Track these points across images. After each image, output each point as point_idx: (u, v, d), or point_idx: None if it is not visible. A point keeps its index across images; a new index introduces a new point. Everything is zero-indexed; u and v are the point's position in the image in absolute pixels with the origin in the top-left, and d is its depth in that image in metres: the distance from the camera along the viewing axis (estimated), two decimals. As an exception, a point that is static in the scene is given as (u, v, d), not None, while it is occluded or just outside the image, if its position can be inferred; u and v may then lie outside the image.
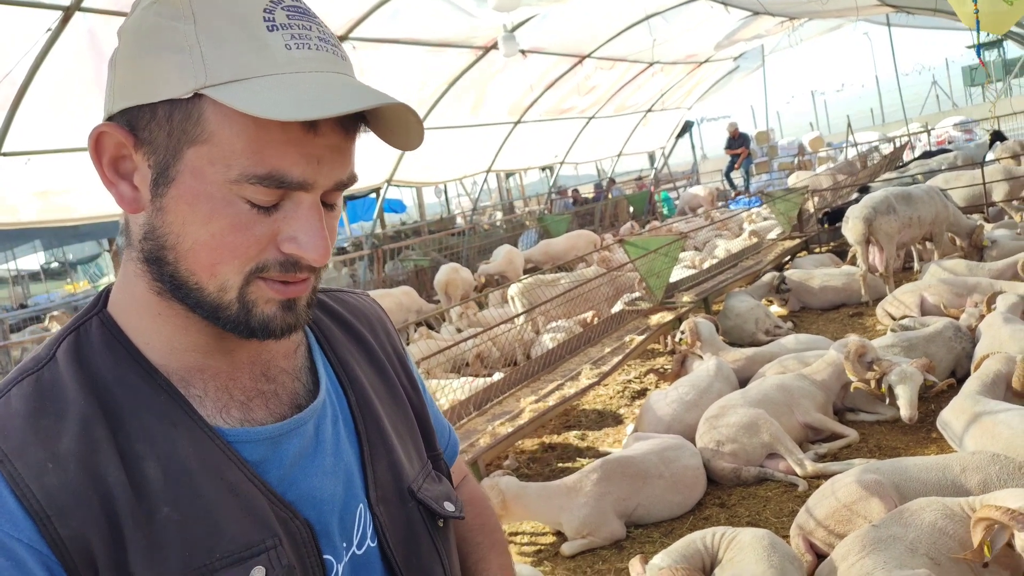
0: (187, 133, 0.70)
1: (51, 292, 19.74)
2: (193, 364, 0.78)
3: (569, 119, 14.93)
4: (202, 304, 0.74)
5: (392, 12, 8.18)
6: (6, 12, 5.60)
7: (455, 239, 13.44)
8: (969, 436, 3.46)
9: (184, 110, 0.69)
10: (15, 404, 0.71)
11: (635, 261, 6.65)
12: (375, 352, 0.96)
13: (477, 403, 4.70)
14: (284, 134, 0.69)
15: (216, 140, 0.69)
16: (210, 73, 0.68)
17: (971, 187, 8.76)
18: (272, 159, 0.69)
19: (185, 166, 0.71)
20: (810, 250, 9.10)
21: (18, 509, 0.66)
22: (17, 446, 0.68)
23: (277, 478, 0.78)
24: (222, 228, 0.71)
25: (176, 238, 0.73)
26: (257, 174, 0.70)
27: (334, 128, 0.72)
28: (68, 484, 0.68)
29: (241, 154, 0.69)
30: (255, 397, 0.81)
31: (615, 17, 11.25)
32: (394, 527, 0.86)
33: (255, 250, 0.73)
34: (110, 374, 0.74)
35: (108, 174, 0.75)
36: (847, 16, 13.68)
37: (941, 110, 28.36)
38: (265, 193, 0.71)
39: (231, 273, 0.73)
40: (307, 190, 0.73)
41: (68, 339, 0.77)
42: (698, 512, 3.72)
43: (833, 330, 6.22)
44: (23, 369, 0.75)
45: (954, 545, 2.46)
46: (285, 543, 0.75)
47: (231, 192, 0.70)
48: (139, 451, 0.71)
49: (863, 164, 15.09)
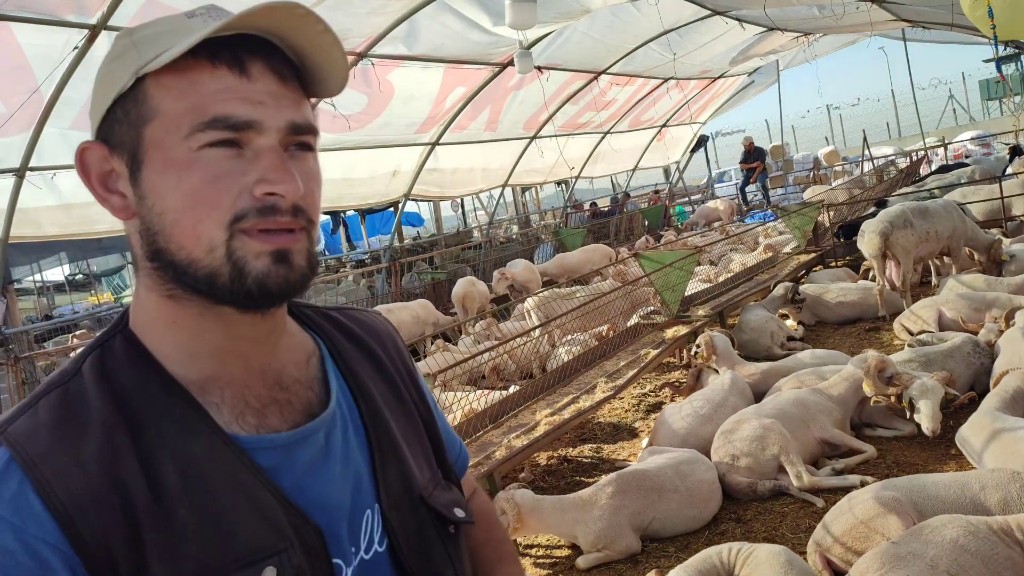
0: (141, 116, 0.78)
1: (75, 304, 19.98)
2: (210, 373, 0.82)
3: (584, 134, 14.98)
4: (197, 279, 0.78)
5: (409, 30, 8.27)
6: (35, 31, 5.74)
7: (471, 252, 13.50)
8: (989, 453, 3.43)
9: (132, 98, 0.78)
10: (42, 415, 0.75)
11: (650, 275, 6.66)
12: (385, 366, 0.99)
13: (493, 416, 4.72)
14: (217, 83, 0.76)
15: (163, 110, 0.77)
16: (142, 58, 0.77)
17: (989, 201, 8.70)
18: (213, 107, 0.76)
19: (148, 145, 0.78)
20: (826, 264, 9.06)
21: (44, 511, 0.70)
22: (43, 452, 0.72)
23: (289, 484, 0.81)
24: (193, 186, 0.76)
25: (160, 216, 0.78)
26: (204, 122, 0.76)
27: (265, 73, 0.79)
28: (91, 488, 0.71)
29: (186, 113, 0.76)
30: (270, 405, 0.84)
31: (630, 34, 11.30)
32: (405, 533, 0.89)
33: (228, 199, 0.76)
34: (132, 385, 0.78)
35: (99, 190, 0.82)
36: (862, 31, 13.67)
37: (958, 124, 28.17)
38: (216, 136, 0.76)
39: (213, 228, 0.76)
40: (259, 131, 0.78)
41: (93, 354, 0.81)
42: (714, 527, 3.71)
43: (850, 345, 6.19)
44: (51, 383, 0.79)
45: (976, 563, 2.43)
46: (296, 547, 0.78)
47: (190, 150, 0.76)
48: (158, 457, 0.75)
49: (879, 178, 15.01)
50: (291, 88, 0.81)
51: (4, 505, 0.69)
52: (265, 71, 0.79)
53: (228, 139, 0.76)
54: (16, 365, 5.96)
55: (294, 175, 0.78)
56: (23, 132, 6.49)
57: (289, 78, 0.81)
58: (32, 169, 6.78)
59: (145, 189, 0.78)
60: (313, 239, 0.83)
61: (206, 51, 0.76)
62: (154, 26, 0.80)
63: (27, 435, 0.73)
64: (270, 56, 0.80)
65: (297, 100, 0.81)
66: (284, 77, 0.80)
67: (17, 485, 0.70)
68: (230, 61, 0.77)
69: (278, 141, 0.79)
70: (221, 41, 0.77)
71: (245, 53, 0.78)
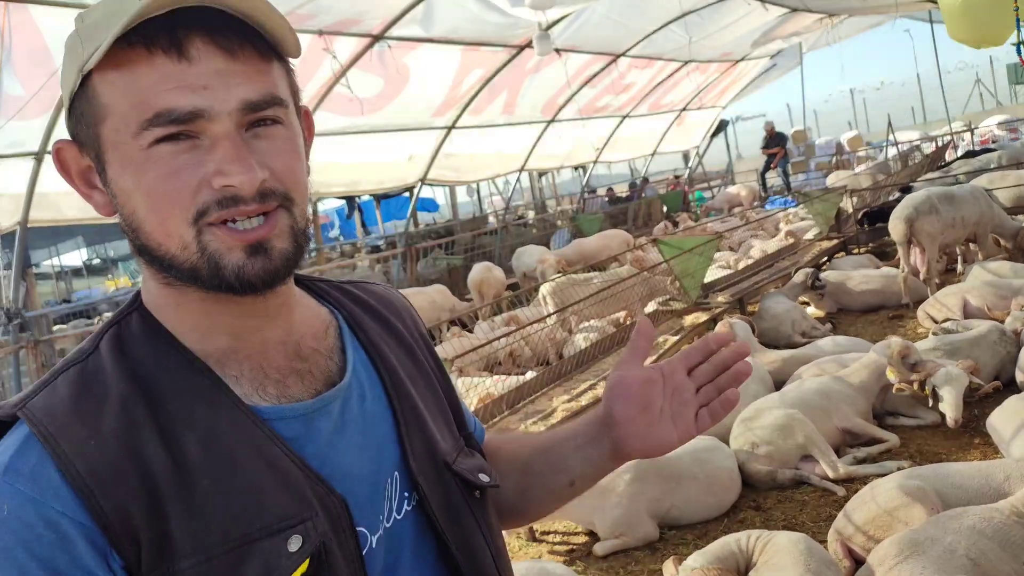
0: (94, 116, 0.75)
1: (93, 288, 20.22)
2: (227, 347, 0.81)
3: (603, 118, 14.85)
4: (181, 273, 0.76)
5: (426, 11, 8.21)
6: (53, 13, 5.74)
7: (488, 238, 13.47)
8: (1018, 441, 3.37)
9: (83, 98, 0.75)
10: (61, 390, 0.75)
11: (669, 261, 6.59)
12: (403, 336, 0.98)
13: (510, 402, 4.70)
14: (155, 73, 0.71)
15: (111, 109, 0.74)
16: (85, 53, 0.73)
17: (1017, 187, 8.53)
18: (155, 101, 0.71)
19: (105, 145, 0.75)
20: (848, 251, 8.94)
21: (63, 484, 0.70)
22: (61, 426, 0.72)
23: (312, 454, 0.80)
24: (150, 183, 0.73)
25: (132, 215, 0.76)
26: (147, 119, 0.72)
27: (209, 51, 0.72)
28: (109, 459, 0.71)
29: (131, 110, 0.72)
30: (290, 375, 0.84)
31: (650, 15, 11.16)
32: (435, 498, 0.89)
33: (188, 194, 0.73)
34: (150, 360, 0.78)
35: (81, 187, 0.80)
36: (887, 12, 13.40)
37: (985, 108, 27.64)
38: (164, 132, 0.72)
39: (179, 225, 0.74)
40: (208, 119, 0.73)
41: (110, 332, 0.81)
42: (733, 515, 3.68)
43: (872, 332, 6.10)
44: (68, 360, 0.79)
45: (994, 547, 2.41)
46: (321, 516, 0.77)
47: (141, 148, 0.73)
48: (179, 430, 0.74)
49: (904, 163, 14.78)
50: (245, 60, 0.74)
51: (24, 479, 0.69)
52: (208, 49, 0.72)
53: (176, 132, 0.72)
54: (35, 348, 6.02)
55: (250, 163, 0.73)
56: (42, 115, 6.52)
57: (241, 49, 0.74)
58: (50, 153, 6.81)
59: (113, 189, 0.77)
60: (297, 214, 0.79)
61: (141, 37, 0.71)
62: (95, 11, 0.75)
63: (46, 410, 0.73)
64: (215, 29, 0.73)
65: (253, 73, 0.75)
66: (232, 50, 0.73)
67: (36, 459, 0.70)
68: (166, 45, 0.71)
69: (234, 125, 0.74)
70: (158, 21, 0.70)
71: (183, 31, 0.72)
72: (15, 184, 6.95)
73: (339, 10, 7.31)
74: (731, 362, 0.96)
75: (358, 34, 8.03)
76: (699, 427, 0.95)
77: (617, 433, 0.96)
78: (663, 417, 0.95)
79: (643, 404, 0.95)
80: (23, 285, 6.86)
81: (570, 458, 1.02)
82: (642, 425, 0.95)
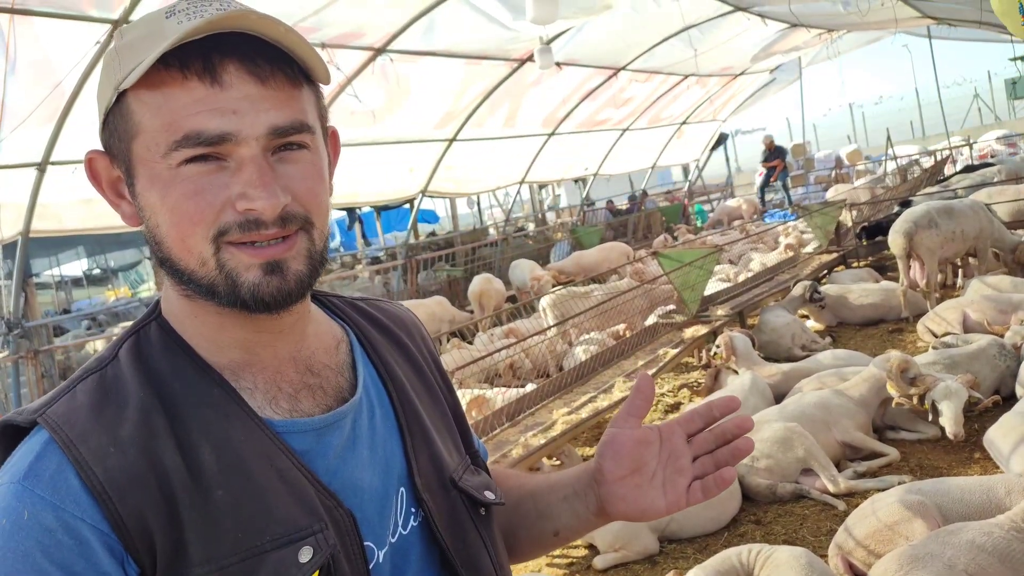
0: (127, 132, 0.77)
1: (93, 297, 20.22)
2: (240, 360, 0.83)
3: (603, 131, 14.90)
4: (200, 288, 0.78)
5: (429, 25, 8.25)
6: (57, 25, 5.77)
7: (488, 250, 13.48)
8: (1017, 456, 3.36)
9: (118, 113, 0.77)
10: (80, 398, 0.76)
11: (669, 274, 6.60)
12: (412, 353, 0.99)
13: (510, 414, 4.69)
14: (188, 96, 0.74)
15: (143, 127, 0.76)
16: (122, 71, 0.75)
17: (1016, 202, 8.55)
18: (185, 122, 0.74)
19: (136, 161, 0.78)
20: (848, 264, 8.95)
21: (82, 490, 0.71)
22: (81, 433, 0.73)
23: (322, 468, 0.81)
24: (176, 201, 0.76)
25: (156, 229, 0.78)
26: (176, 140, 0.74)
27: (241, 76, 0.74)
28: (128, 467, 0.72)
29: (161, 130, 0.74)
30: (302, 389, 0.85)
31: (651, 30, 11.21)
32: (440, 514, 0.89)
33: (211, 214, 0.75)
34: (168, 370, 0.79)
35: (110, 196, 0.83)
36: (886, 28, 13.49)
37: (983, 123, 27.77)
38: (193, 152, 0.74)
39: (199, 243, 0.76)
40: (236, 143, 0.75)
41: (129, 340, 0.82)
42: (733, 529, 3.67)
43: (872, 346, 6.10)
44: (87, 368, 0.80)
45: (994, 562, 2.41)
46: (331, 529, 0.78)
47: (170, 167, 0.75)
48: (195, 439, 0.76)
49: (903, 178, 14.82)
50: (275, 86, 0.76)
51: (43, 485, 0.70)
52: (240, 74, 0.74)
53: (204, 154, 0.74)
54: (35, 358, 6.02)
55: (274, 188, 0.75)
56: (45, 126, 6.54)
57: (272, 75, 0.76)
58: (53, 163, 6.84)
59: (141, 202, 0.79)
60: (316, 236, 0.81)
61: (177, 60, 0.73)
62: (134, 30, 0.77)
63: (65, 417, 0.74)
64: (248, 55, 0.75)
65: (283, 99, 0.77)
66: (264, 77, 0.75)
67: (56, 465, 0.71)
68: (200, 70, 0.74)
69: (260, 149, 0.76)
70: (194, 45, 0.73)
71: (218, 57, 0.74)
72: (17, 194, 6.97)
73: (342, 23, 7.36)
74: (732, 436, 0.95)
75: (360, 47, 8.07)
76: (690, 500, 0.92)
77: (604, 491, 0.95)
78: (654, 482, 0.92)
79: (635, 465, 0.92)
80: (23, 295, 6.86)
81: (556, 507, 1.02)
82: (631, 487, 0.92)
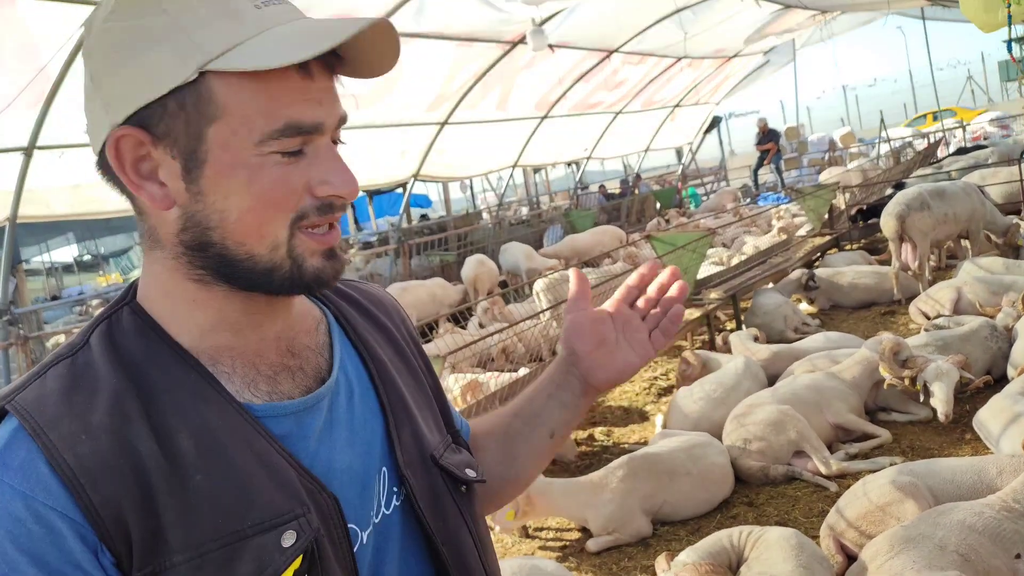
0: (203, 113, 0.73)
1: (84, 284, 20.12)
2: (223, 343, 0.81)
3: (596, 114, 14.83)
4: (254, 272, 0.78)
5: (420, 6, 8.17)
6: (41, 8, 5.69)
7: (480, 234, 13.44)
8: (1007, 438, 3.38)
9: (194, 93, 0.73)
10: (50, 383, 0.74)
11: (663, 257, 6.59)
12: (393, 334, 0.99)
13: (503, 398, 4.69)
14: (285, 85, 0.74)
15: (231, 111, 0.73)
16: (205, 51, 0.72)
17: (1008, 184, 8.56)
18: (284, 112, 0.74)
19: (212, 144, 0.74)
20: (841, 247, 8.96)
21: (52, 478, 0.69)
22: (51, 419, 0.71)
23: (302, 451, 0.80)
24: (263, 188, 0.75)
25: (221, 215, 0.76)
26: (276, 128, 0.74)
27: (322, 71, 0.77)
28: (100, 453, 0.70)
29: (257, 116, 0.74)
30: (282, 371, 0.84)
31: (644, 11, 11.14)
32: (421, 492, 0.89)
33: (294, 200, 0.77)
34: (142, 355, 0.77)
35: (133, 178, 0.77)
36: (880, 10, 13.44)
37: (976, 105, 27.77)
38: (288, 144, 0.75)
39: (278, 228, 0.77)
40: (321, 133, 0.77)
41: (101, 326, 0.80)
42: (726, 511, 3.68)
43: (864, 328, 6.12)
44: (58, 354, 0.78)
45: (985, 541, 2.42)
46: (313, 513, 0.77)
47: (260, 154, 0.75)
48: (171, 424, 0.74)
49: (896, 160, 14.82)
50: (333, 80, 0.80)
51: (12, 473, 0.69)
52: (319, 67, 0.77)
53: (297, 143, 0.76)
54: (25, 345, 5.98)
55: (351, 175, 0.79)
56: (31, 110, 6.46)
57: (331, 69, 0.79)
58: (40, 147, 6.76)
59: (204, 186, 0.75)
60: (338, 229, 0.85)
61: None
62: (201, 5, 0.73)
63: (35, 403, 0.72)
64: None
65: (337, 93, 0.81)
66: (331, 71, 0.79)
67: (25, 453, 0.70)
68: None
69: (330, 138, 0.80)
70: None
71: None
72: (3, 180, 6.90)
73: (332, 5, 7.27)
74: (668, 283, 1.03)
75: (350, 29, 7.98)
76: (655, 346, 1.02)
77: (583, 367, 1.02)
78: (620, 346, 1.02)
79: (598, 340, 1.02)
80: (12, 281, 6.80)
81: (544, 409, 1.06)
82: (603, 355, 1.02)
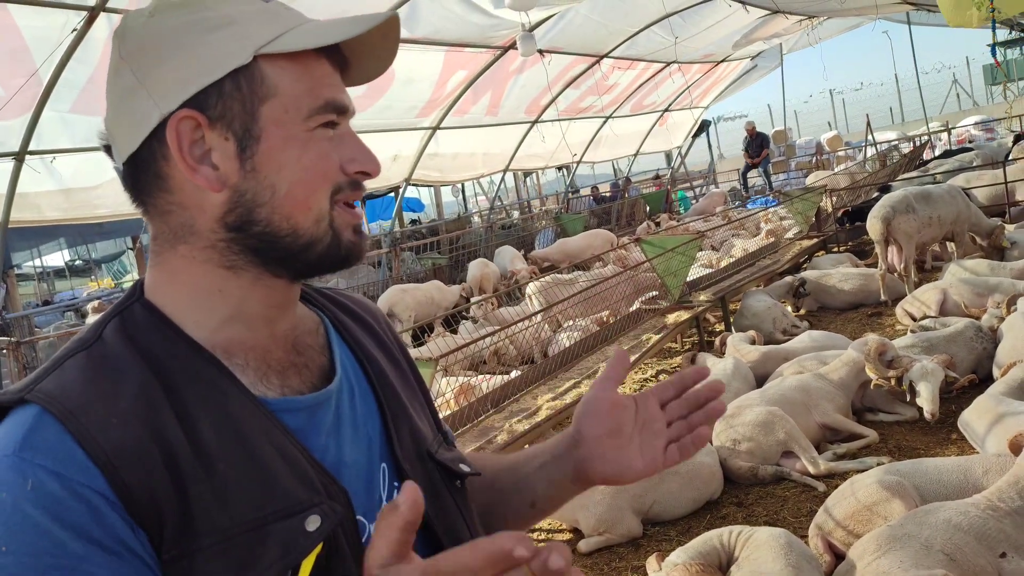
0: (257, 94, 0.81)
1: (75, 289, 19.98)
2: (235, 337, 0.83)
3: (586, 119, 14.90)
4: (294, 247, 0.83)
5: (410, 12, 8.20)
6: (33, 13, 5.69)
7: (472, 237, 13.47)
8: (992, 437, 3.43)
9: (249, 75, 0.80)
10: (70, 373, 0.75)
11: (652, 260, 6.64)
12: (382, 338, 1.03)
13: (494, 400, 4.72)
14: (322, 70, 0.84)
15: (281, 91, 0.81)
16: (257, 38, 0.81)
17: (993, 186, 8.67)
18: (323, 92, 0.83)
19: (265, 122, 0.81)
20: (828, 249, 9.04)
21: (86, 459, 0.69)
22: (79, 405, 0.72)
23: (315, 446, 0.82)
24: (312, 160, 0.82)
25: (271, 190, 0.81)
26: (319, 105, 0.83)
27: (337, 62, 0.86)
28: (132, 439, 0.71)
29: (304, 95, 0.82)
30: (289, 368, 0.86)
31: (633, 17, 11.20)
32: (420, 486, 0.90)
33: (334, 173, 0.84)
34: (159, 348, 0.79)
35: (190, 160, 0.79)
36: (866, 14, 13.54)
37: (962, 109, 28.02)
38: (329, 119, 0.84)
39: (322, 199, 0.83)
40: (347, 115, 0.86)
41: (114, 321, 0.81)
42: (715, 511, 3.72)
43: (852, 330, 6.18)
44: (70, 348, 0.78)
45: (970, 540, 2.46)
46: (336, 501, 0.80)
47: (308, 129, 0.82)
48: (194, 414, 0.75)
49: (882, 163, 14.94)
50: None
51: (43, 454, 0.68)
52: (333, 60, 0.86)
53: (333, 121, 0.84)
54: (17, 350, 5.97)
55: (374, 155, 0.87)
56: (22, 115, 6.45)
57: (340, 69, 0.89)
58: (31, 153, 6.75)
59: (259, 163, 0.81)
60: None
61: None
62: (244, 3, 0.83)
63: (59, 391, 0.72)
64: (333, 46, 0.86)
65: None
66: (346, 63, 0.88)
67: (55, 436, 0.69)
68: (330, 49, 0.84)
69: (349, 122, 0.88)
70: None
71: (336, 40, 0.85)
72: (-6, 185, 6.88)
73: (322, 10, 7.29)
74: (705, 399, 0.96)
75: (341, 34, 8.00)
76: (667, 461, 0.94)
77: (583, 452, 0.96)
78: (631, 444, 0.94)
79: (613, 427, 0.94)
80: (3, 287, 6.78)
81: (533, 476, 1.02)
82: (609, 447, 0.94)
